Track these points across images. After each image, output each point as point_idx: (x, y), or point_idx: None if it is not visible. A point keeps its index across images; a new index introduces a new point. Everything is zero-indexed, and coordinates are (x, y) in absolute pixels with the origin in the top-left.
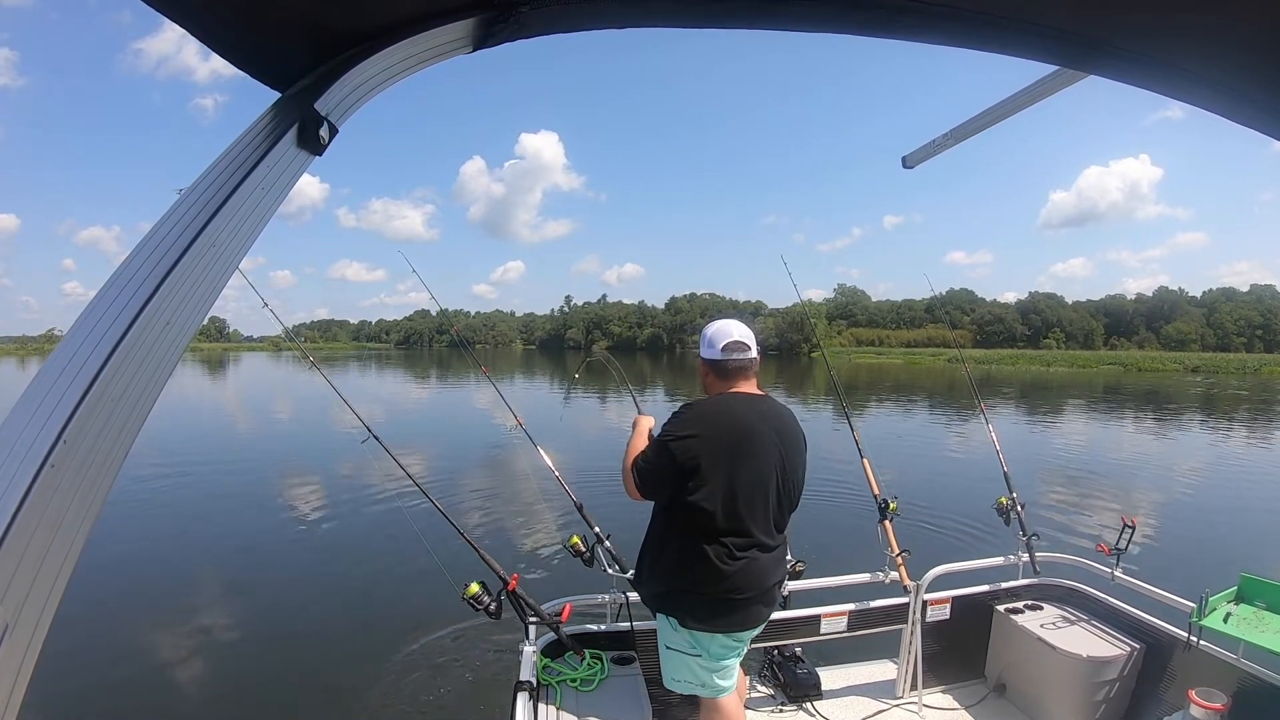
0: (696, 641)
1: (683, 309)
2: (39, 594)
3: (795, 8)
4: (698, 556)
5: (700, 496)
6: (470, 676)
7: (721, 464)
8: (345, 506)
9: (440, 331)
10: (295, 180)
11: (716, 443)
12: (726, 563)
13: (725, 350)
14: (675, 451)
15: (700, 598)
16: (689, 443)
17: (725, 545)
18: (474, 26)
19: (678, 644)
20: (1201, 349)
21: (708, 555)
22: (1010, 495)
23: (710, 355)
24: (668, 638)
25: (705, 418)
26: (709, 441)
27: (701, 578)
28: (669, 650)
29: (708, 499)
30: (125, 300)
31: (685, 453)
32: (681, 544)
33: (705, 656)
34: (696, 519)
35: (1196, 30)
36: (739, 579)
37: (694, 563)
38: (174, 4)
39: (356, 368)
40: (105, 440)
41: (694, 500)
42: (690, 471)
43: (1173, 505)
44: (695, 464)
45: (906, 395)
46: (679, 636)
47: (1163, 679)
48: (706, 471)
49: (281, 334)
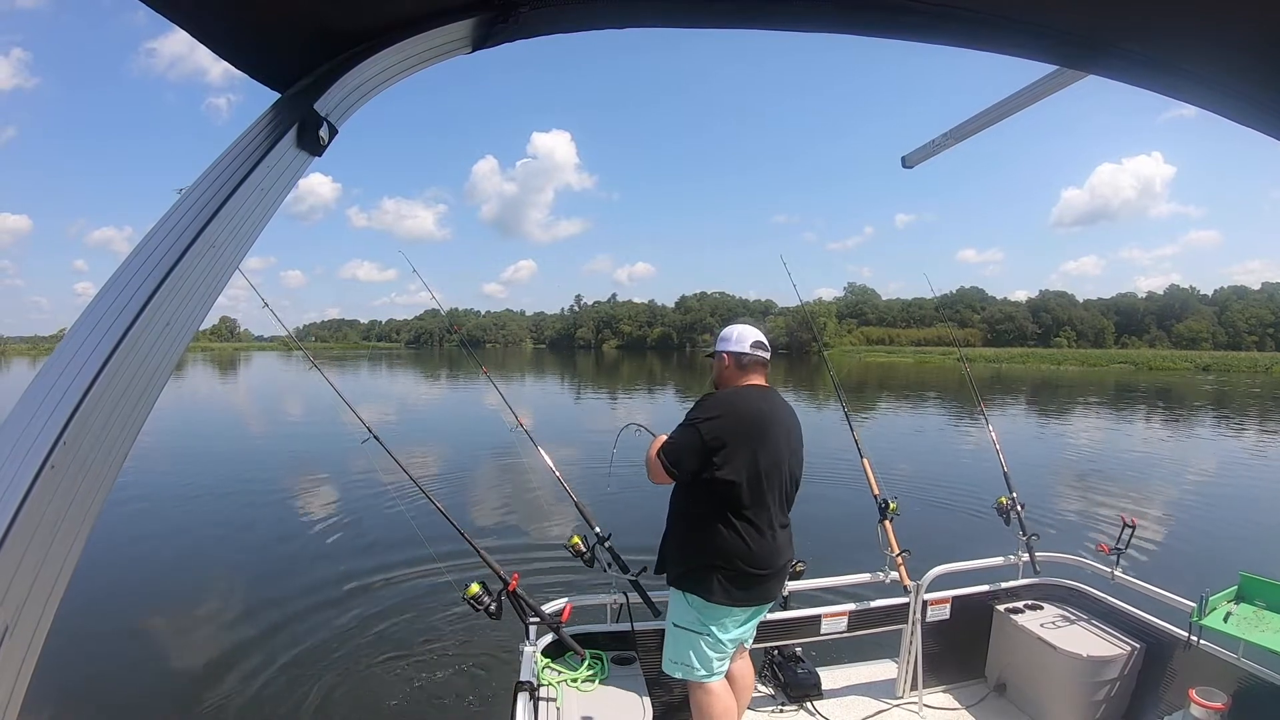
0: (711, 619)
1: (693, 308)
2: (39, 594)
3: (795, 8)
4: (727, 531)
5: (727, 471)
6: (470, 677)
7: (744, 444)
8: (345, 506)
9: (450, 331)
10: (295, 181)
11: (739, 424)
12: (753, 537)
13: (753, 346)
14: (703, 431)
15: (729, 571)
16: (714, 423)
17: (750, 521)
18: (474, 27)
19: (687, 622)
20: (1213, 347)
21: (737, 529)
22: (1010, 495)
23: (737, 349)
24: (678, 615)
25: (728, 404)
26: (732, 421)
27: (732, 551)
28: (677, 629)
29: (734, 473)
30: (125, 301)
31: (711, 432)
32: (711, 519)
33: (714, 636)
34: (722, 492)
35: (1196, 30)
36: (763, 554)
37: (724, 537)
38: (173, 5)
39: (366, 368)
40: (105, 441)
41: (721, 475)
42: (716, 449)
43: (1173, 505)
44: (721, 442)
45: (912, 394)
46: (691, 614)
47: (1163, 678)
48: (732, 449)
49: (287, 334)
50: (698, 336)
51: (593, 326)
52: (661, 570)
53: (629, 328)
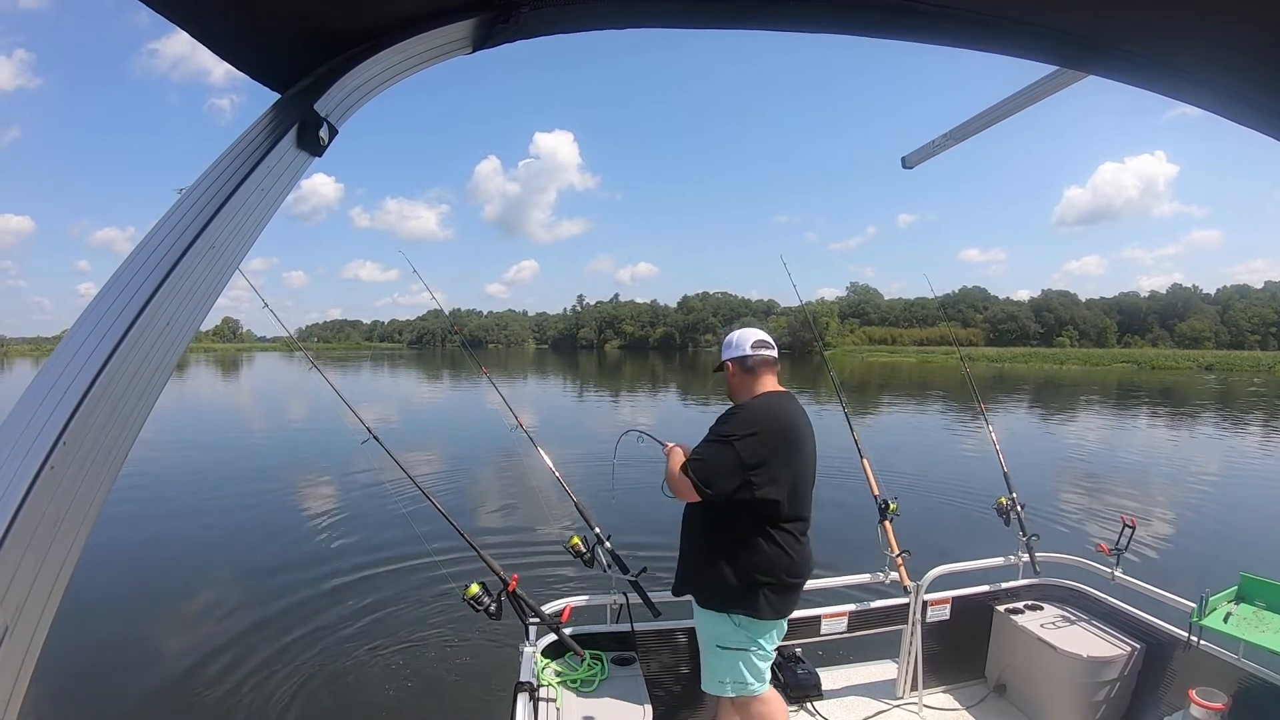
0: (759, 634)
1: (695, 308)
2: (39, 595)
3: (795, 8)
4: (770, 546)
5: (769, 490)
6: (470, 677)
7: (783, 459)
8: (346, 507)
9: (452, 332)
10: (295, 181)
11: (779, 439)
12: (794, 547)
13: (754, 347)
14: (741, 449)
15: (774, 585)
16: (753, 441)
17: (790, 532)
18: (474, 27)
19: (735, 642)
20: (1215, 347)
21: (778, 542)
22: (1010, 495)
23: (738, 354)
24: (723, 637)
25: (761, 417)
26: (771, 436)
27: (778, 565)
28: (724, 651)
29: (776, 491)
30: (125, 301)
31: (749, 449)
32: (752, 536)
33: (762, 649)
34: (765, 510)
35: (1196, 30)
36: (803, 561)
37: (768, 553)
38: (174, 5)
39: (368, 368)
40: (105, 441)
41: (762, 494)
42: (755, 467)
43: (1174, 505)
44: (760, 459)
45: (914, 394)
46: (738, 634)
47: (1163, 679)
48: (771, 465)
49: (288, 334)
50: (700, 337)
51: (595, 327)
52: (685, 592)
53: (631, 328)
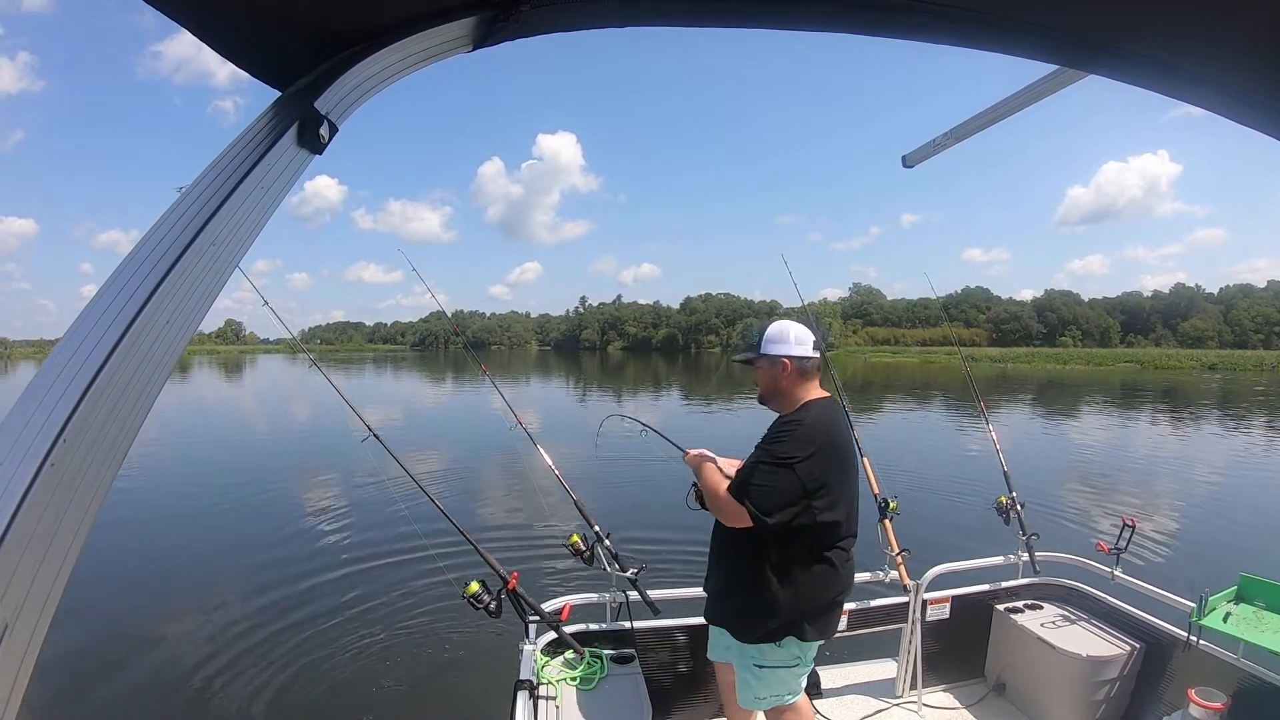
0: (805, 650)
1: (698, 309)
2: (38, 594)
3: (795, 7)
4: (824, 568)
5: (830, 514)
6: (470, 675)
7: (842, 478)
8: (345, 505)
9: (454, 333)
10: (295, 179)
11: (833, 455)
12: (844, 563)
13: (815, 347)
14: (802, 473)
15: (825, 607)
16: (813, 463)
17: (843, 549)
18: (474, 25)
19: (780, 660)
20: (1219, 346)
21: (832, 562)
22: (1010, 495)
23: (799, 352)
24: (769, 658)
25: (819, 433)
26: (831, 454)
27: (832, 585)
28: (767, 670)
29: (837, 513)
30: (125, 300)
31: (811, 473)
32: (808, 562)
33: (804, 663)
34: (822, 534)
35: (1196, 30)
36: (849, 576)
37: (823, 578)
38: (175, 3)
39: (371, 370)
40: (105, 440)
41: (824, 518)
42: (816, 490)
43: (1174, 505)
44: (821, 482)
45: (916, 394)
46: (783, 653)
47: (1162, 679)
48: (831, 486)
49: (290, 336)
50: (703, 337)
51: (598, 328)
52: (722, 621)
53: (634, 329)
